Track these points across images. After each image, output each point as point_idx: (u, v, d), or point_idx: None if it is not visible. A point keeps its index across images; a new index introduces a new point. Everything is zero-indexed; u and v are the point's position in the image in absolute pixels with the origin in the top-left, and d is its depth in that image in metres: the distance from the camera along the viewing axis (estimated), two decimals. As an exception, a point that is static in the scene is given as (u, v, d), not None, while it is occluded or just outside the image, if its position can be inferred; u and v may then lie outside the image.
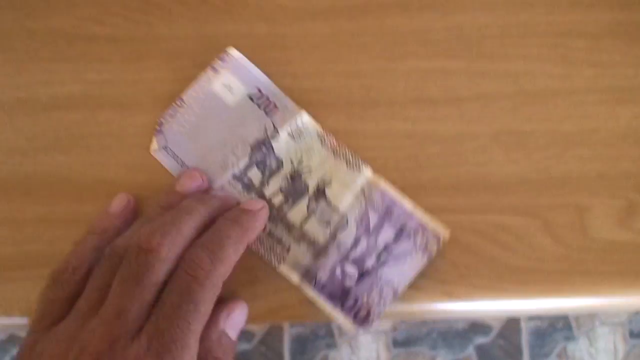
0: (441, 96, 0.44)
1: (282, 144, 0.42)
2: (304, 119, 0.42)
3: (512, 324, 1.47)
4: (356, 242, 0.41)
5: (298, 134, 0.42)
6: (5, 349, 1.39)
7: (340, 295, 0.40)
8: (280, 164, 0.42)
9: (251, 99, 0.43)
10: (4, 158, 0.43)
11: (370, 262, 0.40)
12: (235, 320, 0.39)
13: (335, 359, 1.44)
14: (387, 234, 0.41)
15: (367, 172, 0.42)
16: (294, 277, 0.40)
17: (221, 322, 0.38)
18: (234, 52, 0.43)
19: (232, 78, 0.43)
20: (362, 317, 0.39)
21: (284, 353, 1.43)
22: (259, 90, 0.43)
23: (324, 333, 1.44)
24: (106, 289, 0.34)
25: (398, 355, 1.45)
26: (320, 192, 0.42)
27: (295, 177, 0.42)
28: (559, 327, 1.47)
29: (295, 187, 0.42)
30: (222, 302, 0.39)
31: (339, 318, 0.39)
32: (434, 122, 0.43)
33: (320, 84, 0.44)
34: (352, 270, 0.40)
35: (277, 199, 0.42)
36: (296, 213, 0.42)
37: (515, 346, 1.46)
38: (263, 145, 0.42)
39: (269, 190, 0.42)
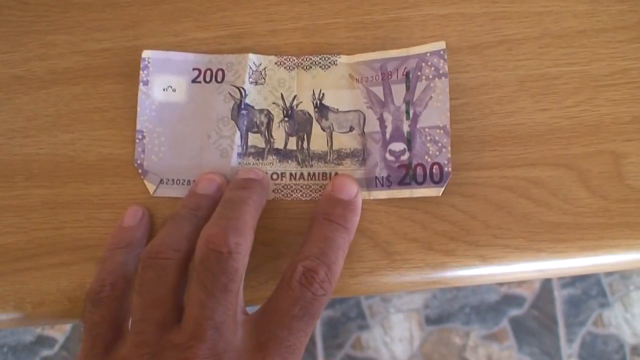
0: (461, 44, 0.41)
1: (254, 95, 0.41)
2: (254, 60, 0.41)
3: (545, 293, 1.45)
4: (381, 121, 0.40)
5: (260, 76, 0.41)
6: (33, 351, 1.39)
7: (406, 175, 0.39)
8: (267, 113, 0.41)
9: (196, 81, 0.41)
10: (4, 140, 0.41)
11: (405, 126, 0.39)
12: None
13: (368, 341, 1.43)
14: (399, 91, 0.40)
15: (342, 59, 0.41)
16: (363, 196, 0.39)
17: None
18: (149, 54, 0.41)
19: (165, 78, 0.41)
20: (437, 175, 0.39)
21: (315, 338, 1.42)
22: (198, 70, 0.41)
23: (355, 315, 1.43)
24: (160, 302, 0.33)
25: (431, 333, 1.44)
26: (322, 108, 0.41)
27: (290, 114, 0.41)
28: (592, 294, 1.46)
29: (298, 122, 0.41)
30: None
31: (421, 192, 0.39)
32: (455, 72, 0.40)
33: (336, 40, 0.42)
34: (397, 146, 0.39)
35: (293, 144, 0.41)
36: (318, 141, 0.41)
37: (550, 316, 1.45)
38: (240, 109, 0.40)
39: (279, 143, 0.41)
